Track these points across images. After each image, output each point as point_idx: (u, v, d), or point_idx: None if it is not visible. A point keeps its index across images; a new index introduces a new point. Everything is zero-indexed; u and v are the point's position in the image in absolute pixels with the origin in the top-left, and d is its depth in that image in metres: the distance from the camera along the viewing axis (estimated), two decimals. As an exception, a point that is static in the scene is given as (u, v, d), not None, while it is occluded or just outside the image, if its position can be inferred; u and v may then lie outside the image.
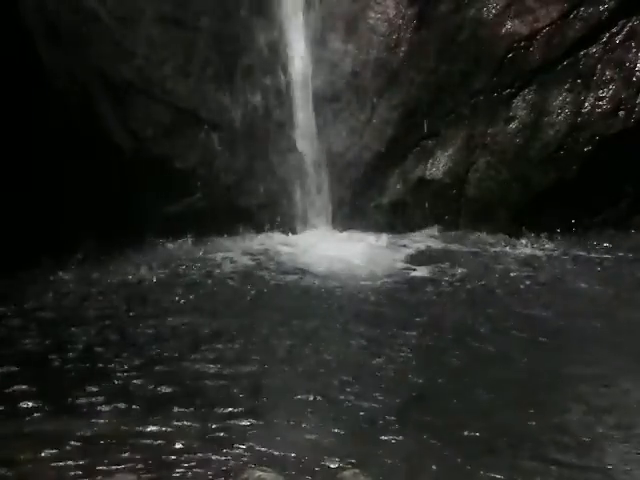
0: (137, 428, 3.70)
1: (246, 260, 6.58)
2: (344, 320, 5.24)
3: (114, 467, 3.22)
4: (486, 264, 6.43)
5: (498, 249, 6.82)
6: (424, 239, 7.04)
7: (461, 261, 6.48)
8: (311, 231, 7.31)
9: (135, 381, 4.32)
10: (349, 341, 4.88)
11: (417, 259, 6.55)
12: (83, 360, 4.60)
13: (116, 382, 4.30)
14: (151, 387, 4.24)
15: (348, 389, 4.17)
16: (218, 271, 6.33)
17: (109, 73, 6.85)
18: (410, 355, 4.63)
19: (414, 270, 6.29)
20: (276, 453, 3.40)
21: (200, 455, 3.36)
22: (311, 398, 4.08)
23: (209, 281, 6.11)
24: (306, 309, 5.46)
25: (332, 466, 3.28)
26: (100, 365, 4.53)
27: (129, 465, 3.24)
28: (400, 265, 6.40)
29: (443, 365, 4.54)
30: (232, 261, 6.55)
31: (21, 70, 6.29)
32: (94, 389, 4.20)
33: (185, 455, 3.36)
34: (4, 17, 6.24)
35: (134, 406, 4.00)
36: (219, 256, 6.66)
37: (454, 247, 6.86)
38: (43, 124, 6.31)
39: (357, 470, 3.23)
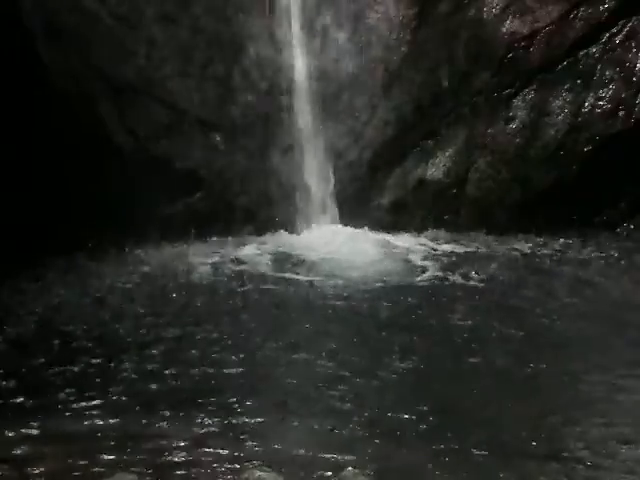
0: (137, 428, 3.70)
1: (246, 261, 6.56)
2: (349, 324, 5.20)
3: (114, 467, 3.22)
4: (488, 264, 6.41)
5: (498, 249, 6.81)
6: (425, 239, 7.04)
7: (464, 262, 6.47)
8: (311, 231, 7.31)
9: (134, 382, 4.32)
10: (353, 345, 4.85)
11: (419, 261, 6.53)
12: (82, 361, 4.60)
13: (115, 383, 4.30)
14: (151, 388, 4.24)
15: (350, 391, 4.17)
16: (219, 272, 6.32)
17: (109, 73, 6.85)
18: (416, 359, 4.60)
19: (417, 272, 6.26)
20: (276, 453, 3.39)
21: (200, 455, 3.36)
22: (312, 399, 4.08)
23: (210, 282, 6.10)
24: (307, 312, 5.42)
25: (332, 466, 3.28)
26: (99, 366, 4.53)
27: (129, 465, 3.24)
28: (402, 267, 6.38)
29: (449, 369, 4.52)
30: (233, 262, 6.54)
31: (22, 70, 6.29)
32: (93, 390, 4.21)
33: (185, 455, 3.36)
34: (4, 17, 6.25)
35: (134, 406, 4.00)
36: (219, 257, 6.66)
37: (455, 248, 6.84)
38: (44, 124, 6.31)
39: (357, 470, 3.23)
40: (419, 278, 6.12)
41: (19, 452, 3.38)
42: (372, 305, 5.49)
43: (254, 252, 6.74)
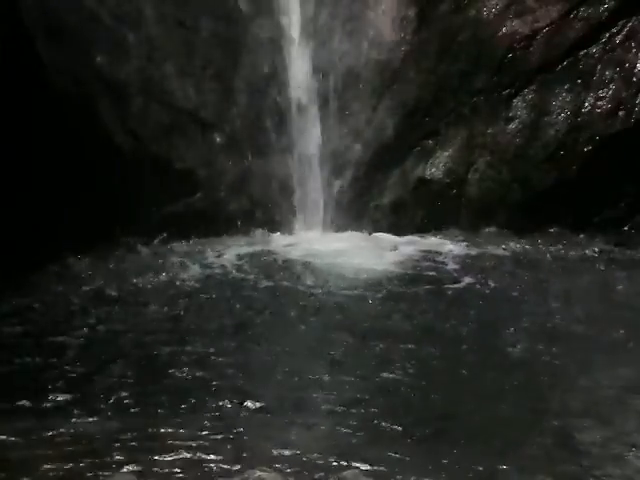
0: (137, 428, 3.70)
1: (246, 262, 6.55)
2: (352, 331, 5.11)
3: (114, 467, 3.22)
4: (489, 265, 6.40)
5: (499, 250, 6.80)
6: (427, 240, 7.02)
7: (466, 263, 6.45)
8: (311, 232, 7.30)
9: (134, 381, 4.32)
10: (358, 352, 4.82)
11: (420, 262, 6.50)
12: (81, 360, 4.60)
13: (114, 382, 4.30)
14: (150, 387, 4.24)
15: (351, 392, 4.17)
16: (216, 273, 6.30)
17: (109, 73, 6.85)
18: (417, 365, 4.57)
19: (425, 276, 6.23)
20: (276, 453, 3.39)
21: (200, 455, 3.36)
22: (313, 399, 4.08)
23: (209, 283, 6.09)
24: (308, 318, 5.37)
25: (332, 466, 3.28)
26: (98, 365, 4.53)
27: (129, 465, 3.23)
28: (410, 271, 6.34)
29: (454, 373, 4.49)
30: (233, 262, 6.53)
31: (21, 70, 6.29)
32: (92, 390, 4.21)
33: (185, 455, 3.36)
34: (4, 17, 6.24)
35: (133, 406, 4.00)
36: (218, 257, 6.64)
37: (456, 248, 6.82)
38: (43, 124, 6.31)
39: (357, 470, 3.23)
40: (427, 284, 6.05)
41: (16, 453, 3.38)
42: (379, 313, 5.44)
43: (251, 254, 6.72)
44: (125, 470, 3.20)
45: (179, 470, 3.22)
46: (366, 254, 6.65)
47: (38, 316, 5.32)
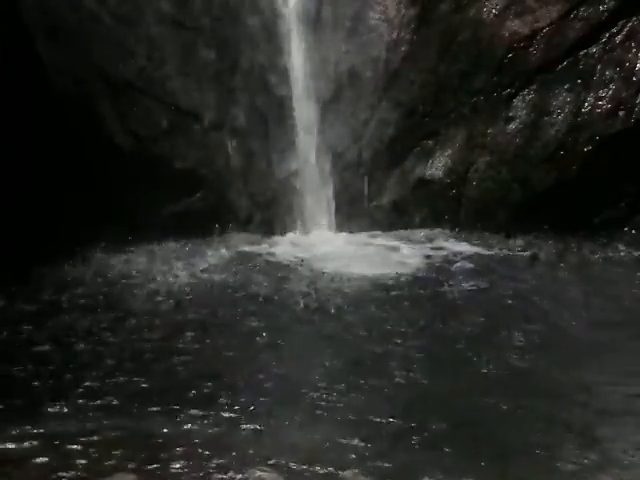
0: (137, 428, 3.70)
1: (246, 262, 6.55)
2: (353, 334, 5.08)
3: (114, 467, 3.22)
4: (489, 265, 6.39)
5: (499, 250, 6.80)
6: (426, 240, 7.01)
7: (466, 263, 6.44)
8: (312, 232, 7.30)
9: (134, 381, 4.32)
10: (358, 349, 4.81)
11: (421, 262, 6.49)
12: (80, 364, 4.60)
13: (115, 382, 4.30)
14: (150, 388, 4.25)
15: (351, 392, 4.17)
16: (217, 274, 6.30)
17: (109, 73, 6.86)
18: (422, 362, 4.58)
19: (419, 274, 6.21)
20: (276, 453, 3.39)
21: (200, 455, 3.36)
22: (312, 399, 4.08)
23: (209, 284, 6.09)
24: (309, 320, 5.33)
25: (333, 467, 3.28)
26: (97, 369, 4.53)
27: (129, 465, 3.24)
28: (402, 268, 6.34)
29: (459, 375, 4.48)
30: (233, 262, 6.53)
31: (21, 70, 6.30)
32: (92, 389, 4.21)
33: (185, 455, 3.36)
34: (4, 17, 6.25)
35: (134, 406, 4.00)
36: (218, 257, 6.65)
37: (457, 248, 6.81)
38: (43, 124, 6.31)
39: (357, 470, 3.23)
40: (429, 285, 5.99)
41: (17, 453, 3.38)
42: (382, 314, 5.39)
43: (252, 254, 6.72)
44: (125, 470, 3.20)
45: (179, 470, 3.22)
46: (366, 254, 6.65)
47: (37, 320, 5.31)
